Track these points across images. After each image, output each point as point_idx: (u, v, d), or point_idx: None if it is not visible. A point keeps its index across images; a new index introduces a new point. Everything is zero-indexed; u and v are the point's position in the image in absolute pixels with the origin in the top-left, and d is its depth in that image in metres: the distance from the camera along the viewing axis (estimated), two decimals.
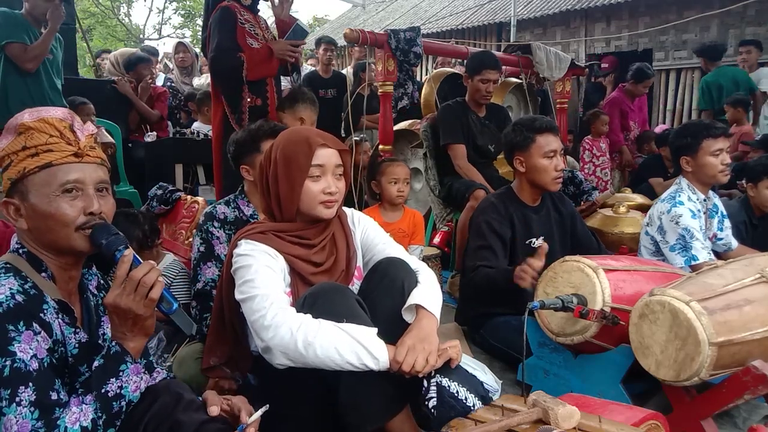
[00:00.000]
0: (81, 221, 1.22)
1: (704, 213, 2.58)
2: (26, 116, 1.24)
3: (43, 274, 1.24)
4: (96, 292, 1.39)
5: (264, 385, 1.64)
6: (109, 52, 6.98)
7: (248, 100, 3.16)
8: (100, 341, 1.32)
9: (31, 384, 1.08)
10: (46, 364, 1.13)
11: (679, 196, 2.55)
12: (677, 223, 2.46)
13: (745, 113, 5.05)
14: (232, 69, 3.06)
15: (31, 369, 1.09)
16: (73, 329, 1.24)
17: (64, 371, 1.21)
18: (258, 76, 3.12)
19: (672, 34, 7.64)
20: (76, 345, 1.24)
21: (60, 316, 1.22)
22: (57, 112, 1.26)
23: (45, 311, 1.17)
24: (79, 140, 1.25)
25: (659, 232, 2.55)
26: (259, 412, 1.27)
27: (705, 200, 2.59)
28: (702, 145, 2.49)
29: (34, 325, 1.13)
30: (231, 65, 3.05)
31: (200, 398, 1.31)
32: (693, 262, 2.40)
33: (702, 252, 2.41)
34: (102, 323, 1.35)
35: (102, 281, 1.44)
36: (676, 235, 2.46)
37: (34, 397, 1.08)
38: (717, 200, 2.72)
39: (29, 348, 1.10)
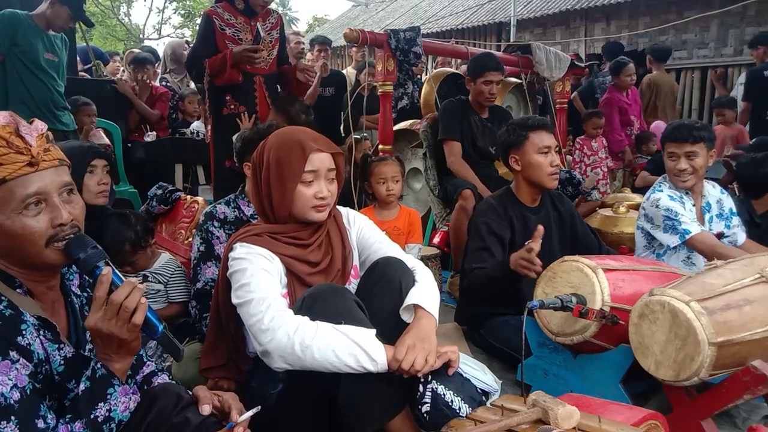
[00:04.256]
0: (50, 234, 1.12)
1: (694, 205, 2.60)
2: None
3: (19, 290, 1.15)
4: (79, 292, 1.32)
5: (263, 386, 1.64)
6: (118, 54, 7.04)
7: (232, 107, 3.17)
8: (89, 346, 1.25)
9: (13, 417, 1.02)
10: (28, 391, 1.06)
11: (660, 186, 2.63)
12: (657, 206, 2.52)
13: (734, 114, 5.12)
14: (197, 75, 3.18)
15: (12, 401, 1.02)
16: (57, 345, 1.17)
17: (51, 390, 1.15)
18: (222, 83, 3.11)
19: (672, 34, 7.65)
20: (62, 362, 1.17)
21: (41, 333, 1.14)
22: None
23: (23, 332, 1.10)
24: (30, 146, 1.11)
25: (647, 221, 2.61)
26: (250, 412, 1.25)
27: (687, 193, 2.61)
28: (665, 144, 2.59)
29: (11, 353, 1.06)
30: (196, 72, 3.17)
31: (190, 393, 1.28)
32: (687, 236, 2.42)
33: (692, 224, 2.44)
34: None
35: (86, 277, 1.35)
36: (662, 217, 2.51)
37: (18, 429, 1.02)
38: (711, 198, 2.69)
39: (7, 379, 1.03)
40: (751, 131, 5.29)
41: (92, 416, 1.11)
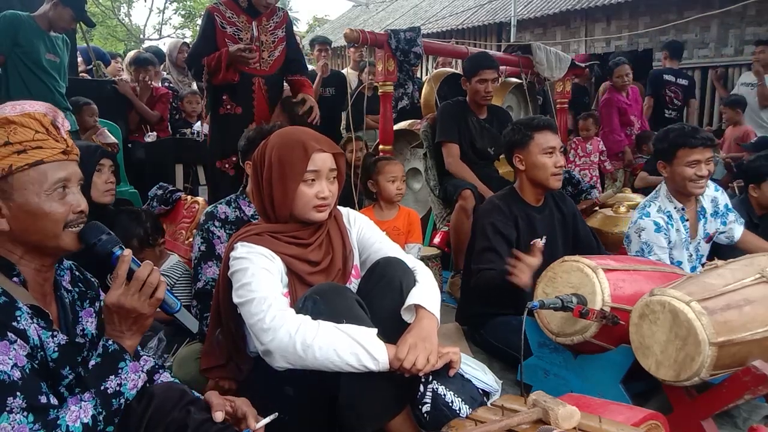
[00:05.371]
0: (70, 218, 1.20)
1: (687, 220, 2.54)
2: (8, 109, 1.18)
3: (15, 279, 1.19)
4: (70, 287, 1.34)
5: (263, 386, 1.64)
6: (120, 55, 7.03)
7: (228, 107, 3.12)
8: (78, 339, 1.29)
9: (18, 393, 1.06)
10: (28, 370, 1.10)
11: (649, 206, 2.53)
12: (639, 235, 2.47)
13: (742, 113, 5.10)
14: (196, 73, 3.14)
15: (15, 378, 1.06)
16: (50, 332, 1.20)
17: (46, 376, 1.18)
18: (219, 82, 3.06)
19: (672, 34, 7.64)
20: (56, 348, 1.20)
21: (35, 320, 1.17)
22: (40, 107, 1.21)
23: (18, 318, 1.13)
24: (64, 137, 1.22)
25: (626, 240, 2.57)
26: (268, 419, 1.26)
27: (683, 209, 2.53)
28: (678, 153, 2.43)
29: (9, 334, 1.09)
30: (195, 70, 3.12)
31: (202, 398, 1.29)
32: None
33: None
34: (80, 320, 1.32)
35: (77, 273, 1.39)
36: (638, 246, 2.47)
37: (25, 403, 1.06)
38: (706, 199, 2.63)
39: (8, 358, 1.07)
40: (651, 125, 5.64)
41: (102, 387, 1.15)
